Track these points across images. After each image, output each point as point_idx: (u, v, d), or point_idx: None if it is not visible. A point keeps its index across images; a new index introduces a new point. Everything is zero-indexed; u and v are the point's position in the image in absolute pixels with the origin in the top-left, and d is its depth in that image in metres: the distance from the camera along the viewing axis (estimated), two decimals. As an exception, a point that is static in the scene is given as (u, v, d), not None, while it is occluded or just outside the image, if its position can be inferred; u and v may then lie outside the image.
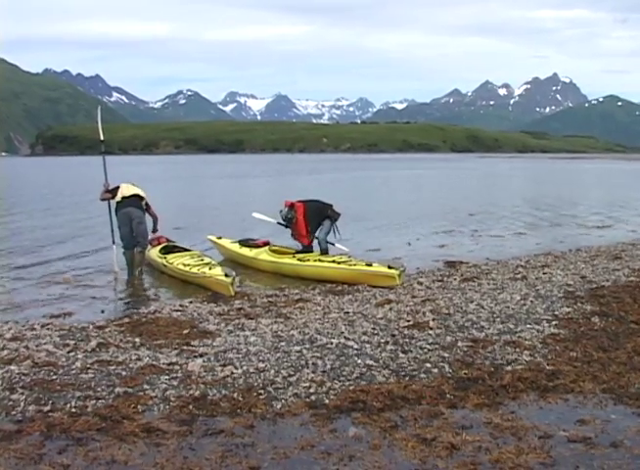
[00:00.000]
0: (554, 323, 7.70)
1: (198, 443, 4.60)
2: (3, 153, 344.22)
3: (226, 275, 9.89)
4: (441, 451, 4.42)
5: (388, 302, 9.03)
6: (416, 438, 4.62)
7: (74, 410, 5.15)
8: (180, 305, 9.10)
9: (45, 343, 7.08)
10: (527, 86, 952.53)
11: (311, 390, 5.58)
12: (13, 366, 6.18)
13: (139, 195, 11.94)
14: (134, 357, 6.50)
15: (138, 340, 7.22)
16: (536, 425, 4.85)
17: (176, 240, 13.44)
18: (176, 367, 6.18)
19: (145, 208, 12.00)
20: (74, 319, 8.57)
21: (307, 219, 12.01)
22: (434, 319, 7.89)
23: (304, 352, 6.62)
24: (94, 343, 7.02)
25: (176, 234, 14.91)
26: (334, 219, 12.27)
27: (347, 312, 8.43)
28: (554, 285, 10.03)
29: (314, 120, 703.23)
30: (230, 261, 12.78)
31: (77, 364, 6.29)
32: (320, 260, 11.30)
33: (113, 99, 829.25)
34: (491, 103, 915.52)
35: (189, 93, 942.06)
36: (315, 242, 12.28)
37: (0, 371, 6.04)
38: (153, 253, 12.34)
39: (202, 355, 6.55)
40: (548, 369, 6.04)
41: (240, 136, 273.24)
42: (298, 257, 11.58)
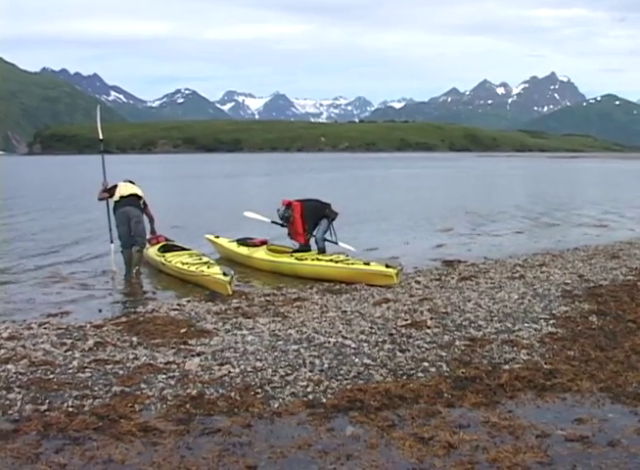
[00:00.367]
0: (552, 322, 7.70)
1: (195, 442, 4.60)
2: (0, 152, 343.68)
3: (224, 274, 9.89)
4: (439, 450, 4.42)
5: (386, 301, 9.02)
6: (413, 437, 4.62)
7: (71, 409, 5.14)
8: (178, 304, 9.09)
9: (42, 342, 7.07)
10: (525, 85, 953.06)
11: (309, 389, 5.58)
12: (10, 365, 6.17)
13: (137, 194, 11.95)
14: (131, 356, 6.49)
15: (135, 339, 7.21)
16: (534, 424, 4.85)
17: (174, 239, 13.43)
18: (173, 366, 6.17)
19: (142, 207, 12.00)
20: (72, 318, 8.56)
21: (304, 218, 12.01)
22: (431, 318, 7.88)
23: (302, 351, 6.61)
24: (91, 342, 7.02)
25: (174, 233, 14.88)
26: (331, 219, 12.26)
27: (345, 311, 8.42)
28: (552, 284, 10.03)
29: (312, 120, 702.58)
30: (228, 260, 12.77)
31: (74, 363, 6.28)
32: (318, 259, 11.29)
33: (111, 98, 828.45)
34: (489, 102, 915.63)
35: (187, 92, 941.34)
36: (313, 241, 12.27)
37: (-3, 370, 6.02)
38: (151, 251, 12.34)
39: (199, 355, 6.54)
40: (546, 368, 6.04)
41: (238, 135, 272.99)
42: (296, 256, 11.58)
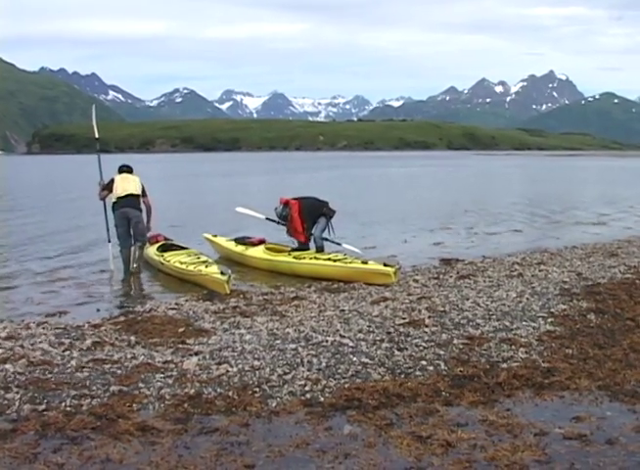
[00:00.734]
0: (550, 320, 7.70)
1: (193, 441, 4.60)
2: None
3: (222, 273, 9.89)
4: (437, 449, 4.42)
5: (384, 299, 9.02)
6: (411, 435, 4.62)
7: (69, 409, 5.14)
8: (176, 304, 9.09)
9: (40, 341, 7.06)
10: (524, 83, 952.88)
11: (306, 388, 5.57)
12: (8, 365, 6.15)
13: (135, 194, 11.84)
14: (129, 356, 6.49)
15: (133, 338, 7.21)
16: (532, 422, 4.85)
17: (173, 238, 13.44)
18: (171, 366, 6.17)
19: (142, 195, 11.89)
20: (70, 318, 8.56)
21: (302, 217, 11.99)
22: (429, 317, 7.88)
23: (300, 349, 6.61)
24: (89, 341, 7.02)
25: (173, 232, 14.88)
26: (329, 217, 12.25)
27: (343, 310, 8.41)
28: (550, 282, 10.03)
29: (310, 118, 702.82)
30: (226, 260, 12.77)
31: (72, 363, 6.27)
32: (316, 258, 11.29)
33: (109, 97, 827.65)
34: (488, 100, 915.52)
35: (185, 91, 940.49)
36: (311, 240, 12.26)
37: (-5, 370, 6.02)
38: (150, 251, 12.34)
39: (197, 354, 6.54)
40: (544, 366, 6.04)
41: (236, 134, 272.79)
42: (294, 254, 11.58)
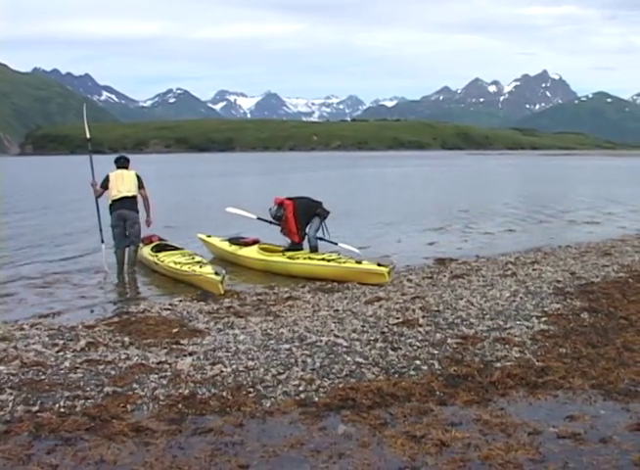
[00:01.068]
0: (543, 319, 7.72)
1: (187, 441, 4.59)
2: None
3: (216, 273, 9.88)
4: (431, 448, 4.42)
5: (378, 299, 9.02)
6: (405, 435, 4.62)
7: (63, 410, 5.12)
8: (170, 304, 9.08)
9: (34, 343, 7.04)
10: (517, 83, 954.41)
11: (301, 388, 5.57)
12: (1, 366, 6.14)
13: (130, 196, 11.81)
14: (123, 357, 6.48)
15: (127, 339, 7.19)
16: (526, 421, 4.86)
17: (167, 238, 13.42)
18: (165, 366, 6.16)
19: (139, 187, 11.87)
20: (63, 319, 8.53)
21: (297, 217, 11.99)
22: (423, 316, 7.89)
23: (294, 350, 6.61)
24: (83, 342, 7.00)
25: (167, 232, 14.86)
26: (323, 217, 12.25)
27: (337, 310, 8.42)
28: (543, 281, 10.05)
29: (304, 119, 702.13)
30: (220, 260, 12.76)
31: (66, 364, 6.26)
32: (310, 258, 11.29)
33: (102, 98, 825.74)
34: (481, 100, 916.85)
35: (179, 92, 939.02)
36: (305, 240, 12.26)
37: (-12, 371, 6.00)
38: (144, 251, 12.33)
39: (191, 354, 6.53)
40: (537, 365, 6.05)
41: (230, 135, 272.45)
42: (288, 254, 11.57)
